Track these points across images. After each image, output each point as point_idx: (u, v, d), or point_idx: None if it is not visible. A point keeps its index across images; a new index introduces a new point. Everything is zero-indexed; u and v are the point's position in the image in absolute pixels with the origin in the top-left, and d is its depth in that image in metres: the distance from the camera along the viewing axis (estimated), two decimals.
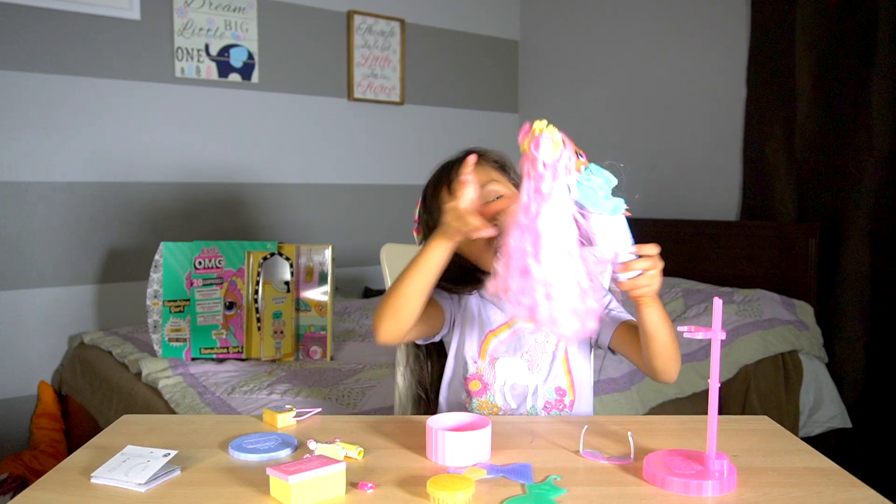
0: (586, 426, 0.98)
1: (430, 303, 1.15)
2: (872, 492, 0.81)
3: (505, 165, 1.23)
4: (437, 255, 1.02)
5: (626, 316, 1.19)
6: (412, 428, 1.02)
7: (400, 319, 1.05)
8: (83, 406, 2.46)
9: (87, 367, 2.45)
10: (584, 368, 1.23)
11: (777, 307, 2.54)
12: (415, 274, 1.03)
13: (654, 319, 1.02)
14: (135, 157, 2.85)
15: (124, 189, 2.83)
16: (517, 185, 1.21)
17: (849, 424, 2.54)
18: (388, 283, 1.40)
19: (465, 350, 1.22)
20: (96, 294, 2.79)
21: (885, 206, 2.50)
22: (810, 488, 0.82)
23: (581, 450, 0.93)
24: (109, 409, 2.18)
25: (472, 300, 1.24)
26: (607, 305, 1.19)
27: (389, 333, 1.06)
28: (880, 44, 2.48)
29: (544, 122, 0.88)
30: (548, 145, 0.87)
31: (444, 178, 1.20)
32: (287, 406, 1.06)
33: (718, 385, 0.83)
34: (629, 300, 1.00)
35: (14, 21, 2.56)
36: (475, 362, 1.21)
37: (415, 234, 1.28)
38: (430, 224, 1.21)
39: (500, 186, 1.17)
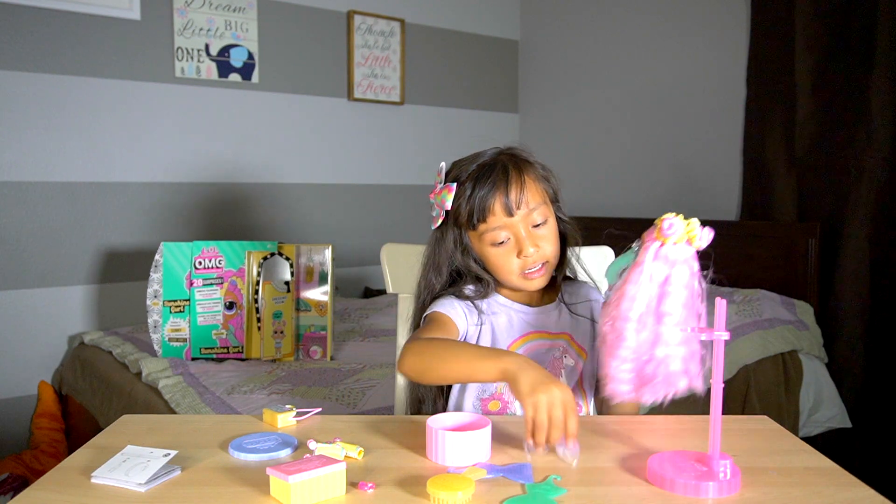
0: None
1: (447, 321, 1.13)
2: (872, 492, 0.81)
3: (548, 178, 1.18)
4: (490, 376, 0.97)
5: None
6: (412, 428, 1.02)
7: (424, 379, 1.05)
8: (83, 406, 2.46)
9: (87, 367, 2.45)
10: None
11: (777, 307, 2.54)
12: (458, 373, 1.00)
13: None
14: (135, 157, 2.85)
15: (124, 189, 2.83)
16: (554, 199, 1.19)
17: (849, 424, 2.54)
18: (389, 283, 1.39)
19: None
20: (96, 294, 2.79)
21: (885, 206, 2.50)
22: (810, 488, 0.82)
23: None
24: (109, 409, 2.18)
25: (483, 326, 1.18)
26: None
27: (412, 376, 1.05)
28: (880, 44, 2.47)
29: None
30: (681, 227, 0.86)
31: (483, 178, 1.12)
32: (287, 406, 1.06)
33: (722, 385, 0.82)
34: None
35: (14, 21, 2.56)
36: (494, 384, 1.17)
37: (433, 222, 1.19)
38: (458, 215, 1.14)
39: (546, 209, 1.14)
